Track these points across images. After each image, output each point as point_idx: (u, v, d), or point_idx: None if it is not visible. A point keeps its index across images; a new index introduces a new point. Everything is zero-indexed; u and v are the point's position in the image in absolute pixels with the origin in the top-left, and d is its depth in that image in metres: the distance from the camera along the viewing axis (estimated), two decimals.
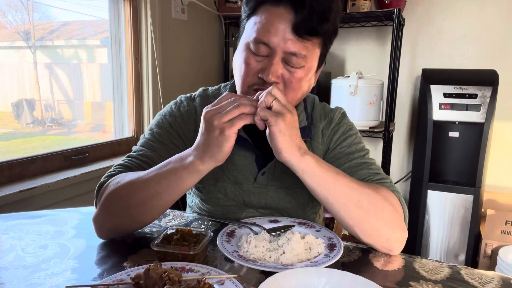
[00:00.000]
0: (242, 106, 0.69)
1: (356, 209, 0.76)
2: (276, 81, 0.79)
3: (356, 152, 0.92)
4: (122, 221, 0.80)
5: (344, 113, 1.00)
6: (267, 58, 0.79)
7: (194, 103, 0.97)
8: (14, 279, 0.67)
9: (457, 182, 2.20)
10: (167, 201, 0.78)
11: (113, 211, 0.79)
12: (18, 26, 1.68)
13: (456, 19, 2.42)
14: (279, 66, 0.78)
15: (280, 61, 0.79)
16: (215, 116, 0.69)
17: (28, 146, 1.73)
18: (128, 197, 0.77)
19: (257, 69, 0.80)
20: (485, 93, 2.05)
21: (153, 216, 0.82)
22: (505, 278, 0.71)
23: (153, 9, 2.00)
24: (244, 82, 0.83)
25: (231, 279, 0.62)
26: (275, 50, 0.78)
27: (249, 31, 0.81)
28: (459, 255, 2.21)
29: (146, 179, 0.76)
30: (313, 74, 0.86)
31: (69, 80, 1.92)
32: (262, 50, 0.79)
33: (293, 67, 0.79)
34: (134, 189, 0.77)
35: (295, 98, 0.84)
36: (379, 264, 0.76)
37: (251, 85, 0.82)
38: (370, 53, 2.63)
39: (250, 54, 0.81)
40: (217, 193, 0.94)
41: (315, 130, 0.95)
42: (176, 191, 0.77)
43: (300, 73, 0.80)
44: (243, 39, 0.84)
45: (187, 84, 2.36)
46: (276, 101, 0.70)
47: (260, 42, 0.78)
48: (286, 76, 0.80)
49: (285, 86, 0.81)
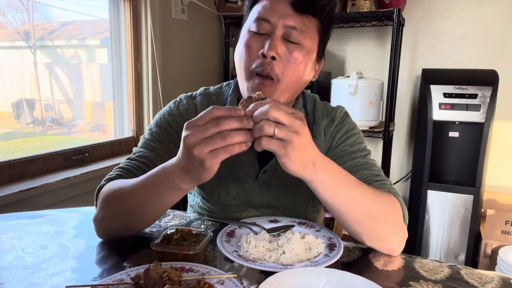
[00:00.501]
0: (229, 137, 0.60)
1: (366, 219, 0.76)
2: (275, 57, 0.80)
3: (359, 152, 0.92)
4: (116, 226, 0.80)
5: (346, 112, 1.00)
6: (267, 36, 0.81)
7: (194, 101, 0.97)
8: (14, 279, 0.67)
9: (457, 182, 2.20)
10: (152, 213, 0.77)
11: (107, 216, 0.80)
12: (18, 26, 1.68)
13: (456, 19, 2.42)
14: (279, 42, 0.80)
15: (281, 37, 0.81)
16: (195, 144, 0.61)
17: (28, 146, 1.73)
18: (117, 205, 0.78)
19: (258, 49, 0.82)
20: (485, 93, 2.05)
21: (142, 225, 0.82)
22: (505, 278, 0.71)
23: (153, 9, 2.00)
24: (246, 66, 0.83)
25: (231, 279, 0.62)
26: (276, 25, 0.80)
27: (250, 18, 0.85)
28: (459, 255, 2.20)
29: (131, 190, 0.76)
30: (312, 63, 0.87)
31: (69, 80, 1.92)
32: (263, 27, 0.81)
33: (293, 42, 0.81)
34: (122, 198, 0.77)
35: (293, 79, 0.84)
36: (379, 264, 0.76)
37: (253, 68, 0.82)
38: (370, 53, 2.63)
39: (251, 36, 0.83)
40: (219, 191, 0.95)
41: (317, 128, 0.96)
42: (159, 206, 0.75)
43: (298, 52, 0.82)
44: (245, 27, 0.86)
45: (187, 84, 2.36)
46: (278, 127, 0.61)
47: (261, 19, 0.81)
48: (285, 55, 0.81)
49: (283, 65, 0.81)
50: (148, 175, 0.74)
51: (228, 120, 0.61)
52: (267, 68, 0.80)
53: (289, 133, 0.62)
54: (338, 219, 0.78)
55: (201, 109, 0.94)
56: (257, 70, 0.81)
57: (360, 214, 0.75)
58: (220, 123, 0.61)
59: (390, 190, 0.85)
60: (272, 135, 0.61)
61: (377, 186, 0.85)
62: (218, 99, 0.97)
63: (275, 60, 0.80)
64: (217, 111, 0.62)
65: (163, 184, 0.70)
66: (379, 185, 0.85)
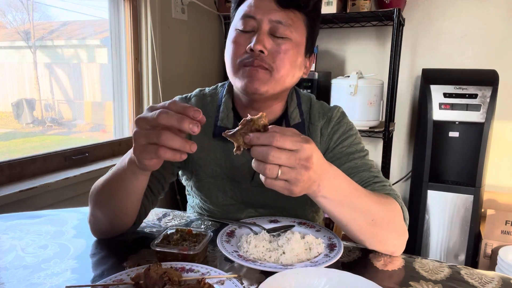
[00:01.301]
0: (163, 137, 0.57)
1: (369, 227, 0.75)
2: (263, 51, 0.80)
3: (357, 153, 0.91)
4: (101, 223, 0.81)
5: (343, 112, 0.99)
6: (254, 33, 0.82)
7: (189, 102, 0.98)
8: (14, 279, 0.67)
9: (457, 182, 2.20)
10: (123, 203, 0.76)
11: (93, 214, 0.81)
12: (18, 26, 1.68)
13: (456, 19, 2.42)
14: (265, 36, 0.81)
15: (267, 32, 0.81)
16: (140, 130, 0.59)
17: (28, 146, 1.74)
18: (96, 201, 0.79)
19: (245, 44, 0.82)
20: (485, 93, 2.05)
21: (123, 219, 0.81)
22: (505, 278, 0.71)
23: (153, 9, 2.00)
24: (233, 59, 0.84)
25: (231, 279, 0.62)
26: (261, 20, 0.81)
27: (237, 16, 0.86)
28: (459, 255, 2.20)
29: (102, 183, 0.77)
30: (302, 57, 0.87)
31: (69, 80, 1.92)
32: (249, 24, 0.82)
33: (280, 37, 0.82)
34: (98, 193, 0.78)
35: (286, 73, 0.83)
36: (379, 264, 0.76)
37: (240, 60, 0.83)
38: (370, 53, 2.63)
39: (238, 33, 0.84)
40: (216, 192, 0.95)
41: (313, 129, 0.95)
42: (125, 193, 0.74)
43: (286, 45, 0.82)
44: (232, 26, 0.87)
45: (187, 83, 2.36)
46: (282, 170, 0.58)
47: (246, 16, 0.82)
48: (273, 49, 0.81)
49: (273, 59, 0.81)
50: (115, 166, 0.75)
51: (173, 117, 0.57)
52: (257, 60, 0.80)
53: (295, 175, 0.58)
54: (341, 227, 0.78)
55: None
56: (245, 61, 0.82)
57: (364, 223, 0.75)
58: (163, 117, 0.57)
59: (390, 192, 0.84)
60: (275, 177, 0.58)
61: (376, 187, 0.85)
62: (213, 100, 0.97)
63: (263, 53, 0.80)
64: (173, 105, 0.58)
65: (124, 170, 0.70)
66: (379, 187, 0.85)
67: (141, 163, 0.63)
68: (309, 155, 0.59)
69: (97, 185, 0.79)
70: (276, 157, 0.57)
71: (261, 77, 0.81)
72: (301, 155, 0.58)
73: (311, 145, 0.60)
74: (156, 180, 0.90)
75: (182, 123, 0.56)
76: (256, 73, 0.81)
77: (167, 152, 0.58)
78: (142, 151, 0.60)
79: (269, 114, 0.92)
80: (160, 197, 0.94)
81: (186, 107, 0.58)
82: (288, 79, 0.85)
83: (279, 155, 0.57)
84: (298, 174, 0.59)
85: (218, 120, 0.92)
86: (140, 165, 0.64)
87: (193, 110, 0.57)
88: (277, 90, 0.84)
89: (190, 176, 0.98)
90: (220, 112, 0.93)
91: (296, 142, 0.58)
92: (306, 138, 0.60)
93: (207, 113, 0.94)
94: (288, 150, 0.58)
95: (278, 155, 0.57)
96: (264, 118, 0.60)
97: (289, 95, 0.95)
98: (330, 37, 2.67)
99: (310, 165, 0.59)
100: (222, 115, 0.92)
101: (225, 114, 0.92)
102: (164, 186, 0.93)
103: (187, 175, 0.99)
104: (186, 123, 0.56)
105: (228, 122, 0.91)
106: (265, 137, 0.58)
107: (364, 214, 0.74)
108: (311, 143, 0.60)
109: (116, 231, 0.83)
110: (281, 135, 0.58)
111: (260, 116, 0.60)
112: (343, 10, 2.34)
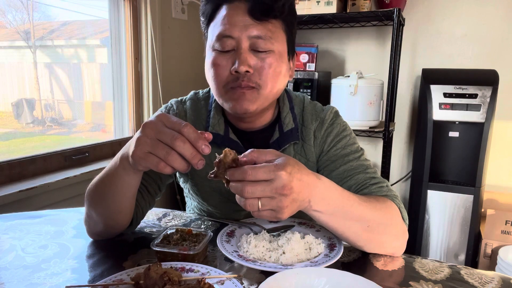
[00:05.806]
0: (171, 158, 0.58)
1: (366, 233, 0.75)
2: (249, 70, 0.79)
3: (351, 154, 0.90)
4: (96, 223, 0.80)
5: (336, 112, 0.97)
6: (234, 52, 0.80)
7: (184, 106, 0.97)
8: (14, 279, 0.67)
9: (457, 182, 2.20)
10: (116, 202, 0.75)
11: (88, 214, 0.80)
12: (18, 25, 1.68)
13: (456, 19, 2.42)
14: (248, 55, 0.79)
15: (248, 50, 0.79)
16: (145, 138, 0.60)
17: (28, 146, 1.74)
18: (90, 201, 0.78)
19: (228, 66, 0.80)
20: (485, 93, 2.05)
21: (117, 220, 0.79)
22: (505, 278, 0.71)
23: (153, 9, 2.00)
24: (218, 83, 0.82)
25: (231, 279, 0.62)
26: (240, 39, 0.79)
27: (211, 35, 0.83)
28: (459, 255, 2.20)
29: (96, 182, 0.77)
30: (286, 64, 0.86)
31: (69, 80, 1.92)
32: (228, 43, 0.79)
33: (262, 51, 0.80)
34: (92, 192, 0.77)
35: (274, 86, 0.83)
36: (379, 264, 0.76)
37: (225, 84, 0.81)
38: (370, 53, 2.63)
39: (217, 54, 0.82)
40: (213, 192, 0.95)
41: (306, 132, 0.93)
42: (117, 191, 0.73)
43: (270, 58, 0.80)
44: (208, 45, 0.85)
45: (186, 83, 2.36)
46: (262, 201, 0.58)
47: (223, 36, 0.79)
48: (258, 65, 0.80)
49: (259, 75, 0.80)
50: (108, 165, 0.75)
51: (187, 144, 0.58)
52: (244, 81, 0.79)
53: (276, 204, 0.58)
54: (337, 236, 0.77)
55: (190, 113, 0.95)
56: (232, 85, 0.80)
57: (359, 230, 0.74)
58: (179, 145, 0.58)
59: (388, 193, 0.83)
60: (257, 210, 0.59)
61: (373, 190, 0.84)
62: (206, 104, 0.96)
63: (249, 72, 0.79)
64: (187, 129, 0.58)
65: (115, 168, 0.70)
66: (376, 189, 0.84)
67: (135, 164, 0.63)
68: (285, 183, 0.58)
69: (91, 185, 0.79)
70: (251, 192, 0.57)
71: (249, 97, 0.81)
72: (277, 184, 0.58)
73: (286, 171, 0.58)
74: (152, 180, 0.90)
75: (193, 159, 0.58)
76: (243, 95, 0.80)
77: (167, 168, 0.59)
78: (142, 158, 0.60)
79: (261, 121, 0.92)
80: (157, 198, 0.93)
81: (200, 138, 0.58)
82: (275, 91, 0.85)
83: (254, 189, 0.57)
84: (279, 202, 0.58)
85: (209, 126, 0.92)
86: (133, 165, 0.64)
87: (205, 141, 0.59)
88: (266, 104, 0.85)
89: (187, 179, 0.99)
90: (211, 118, 0.92)
91: (269, 172, 0.57)
92: (282, 164, 0.59)
93: (201, 117, 0.94)
94: (264, 181, 0.57)
95: (252, 190, 0.57)
96: (230, 153, 0.61)
97: (281, 99, 0.95)
98: (330, 37, 2.66)
99: (288, 192, 0.58)
100: (213, 121, 0.92)
101: (216, 120, 0.92)
102: (160, 187, 0.92)
103: (184, 178, 1.00)
104: (196, 159, 0.58)
105: (219, 129, 0.91)
106: (238, 174, 0.58)
107: (359, 222, 0.73)
108: (287, 168, 0.58)
109: (112, 232, 0.82)
110: (252, 169, 0.57)
111: (225, 154, 0.61)
112: (343, 10, 2.34)
